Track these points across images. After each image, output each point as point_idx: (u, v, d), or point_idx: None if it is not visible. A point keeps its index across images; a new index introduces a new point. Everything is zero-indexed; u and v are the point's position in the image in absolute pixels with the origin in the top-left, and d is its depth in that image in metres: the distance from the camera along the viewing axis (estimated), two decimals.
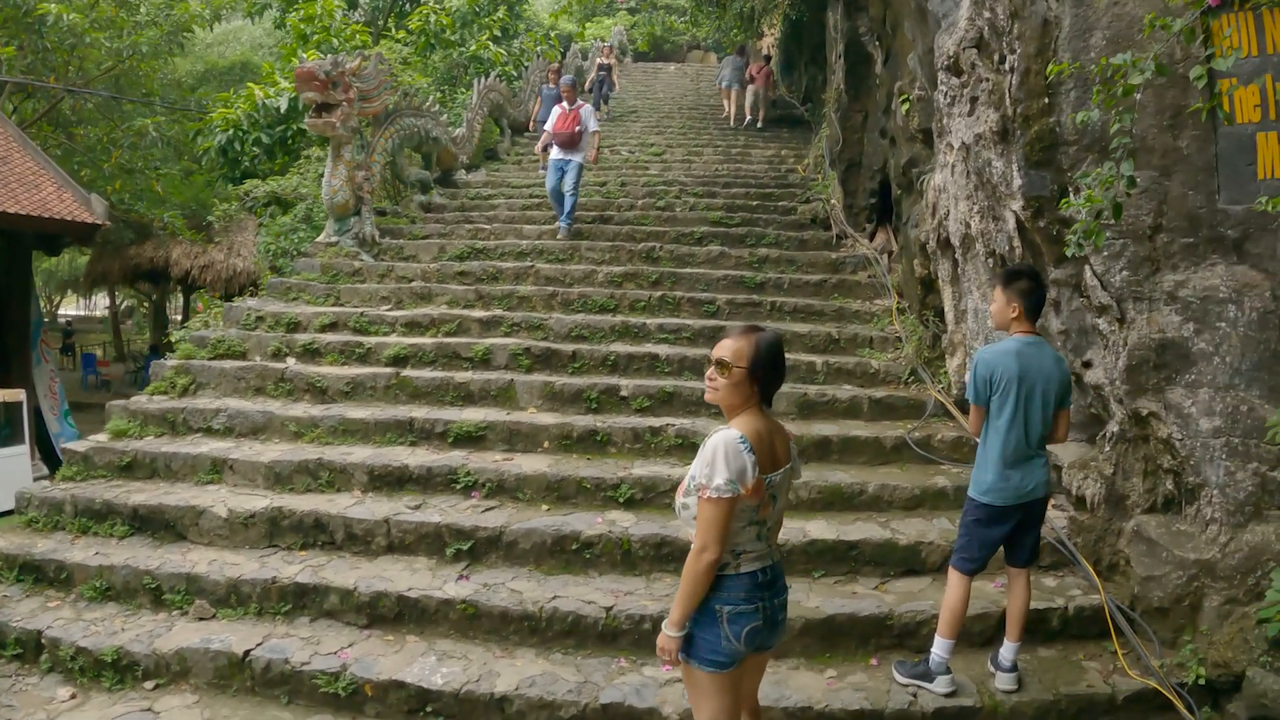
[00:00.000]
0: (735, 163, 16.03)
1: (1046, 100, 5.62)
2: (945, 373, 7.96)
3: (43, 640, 5.39)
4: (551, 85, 16.66)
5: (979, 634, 5.31)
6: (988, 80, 6.39)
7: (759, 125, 19.64)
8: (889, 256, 10.47)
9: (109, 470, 7.10)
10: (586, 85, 22.10)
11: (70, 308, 49.61)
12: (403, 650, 5.19)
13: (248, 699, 5.02)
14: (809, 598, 5.51)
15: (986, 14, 6.33)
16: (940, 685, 4.82)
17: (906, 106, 9.06)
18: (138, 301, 37.17)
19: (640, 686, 4.86)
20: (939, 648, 4.84)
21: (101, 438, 7.54)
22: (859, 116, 11.82)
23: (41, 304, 21.47)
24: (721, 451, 3.31)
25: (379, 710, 4.87)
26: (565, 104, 12.04)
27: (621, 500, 6.47)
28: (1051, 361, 4.84)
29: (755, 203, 13.09)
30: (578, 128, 11.80)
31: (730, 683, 3.47)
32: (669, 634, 3.42)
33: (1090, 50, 5.33)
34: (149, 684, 5.14)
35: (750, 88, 19.89)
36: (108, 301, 35.80)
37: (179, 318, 29.59)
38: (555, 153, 11.88)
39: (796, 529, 5.98)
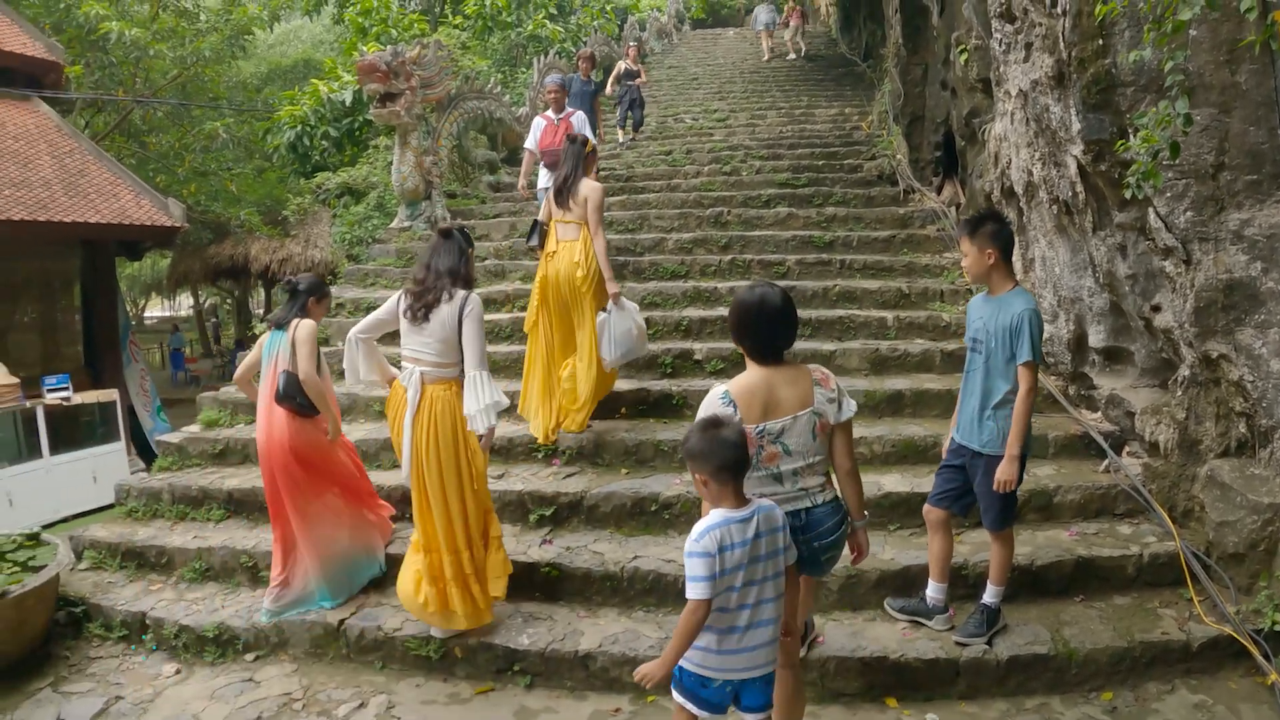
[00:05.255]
0: (799, 124, 15.89)
1: (1100, 42, 5.41)
2: None
3: (147, 621, 5.59)
4: (584, 78, 13.40)
5: (1054, 581, 5.27)
6: (1041, 25, 6.20)
7: (798, 58, 22.60)
8: (957, 209, 10.30)
9: (202, 459, 7.34)
10: (609, 91, 16.27)
11: (155, 309, 51.02)
12: None
13: (344, 665, 5.18)
14: (885, 550, 5.47)
15: None
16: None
17: (965, 56, 8.89)
18: (221, 299, 38.14)
19: None
20: (990, 594, 4.86)
21: (194, 428, 7.78)
22: (919, 70, 11.67)
23: (127, 307, 22.08)
24: (703, 406, 3.59)
25: (469, 671, 4.98)
26: (552, 114, 9.88)
27: None
28: None
29: (821, 162, 12.98)
30: None
31: None
32: None
33: None
34: (249, 656, 5.34)
35: (789, 26, 23.47)
36: (191, 301, 36.81)
37: (261, 311, 30.32)
38: (545, 178, 9.55)
39: (871, 482, 5.91)
